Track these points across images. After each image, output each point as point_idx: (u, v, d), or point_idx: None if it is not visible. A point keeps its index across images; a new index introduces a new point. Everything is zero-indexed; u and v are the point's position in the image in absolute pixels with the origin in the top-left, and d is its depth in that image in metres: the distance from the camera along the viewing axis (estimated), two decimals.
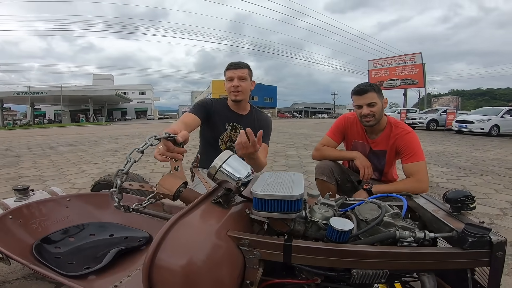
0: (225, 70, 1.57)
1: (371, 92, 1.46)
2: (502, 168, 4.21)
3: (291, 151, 5.95)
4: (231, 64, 1.55)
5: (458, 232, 0.67)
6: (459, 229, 0.68)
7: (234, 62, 1.56)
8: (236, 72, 1.52)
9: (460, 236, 0.66)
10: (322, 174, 1.65)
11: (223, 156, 0.76)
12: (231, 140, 1.62)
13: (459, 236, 0.66)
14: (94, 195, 1.60)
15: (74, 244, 1.25)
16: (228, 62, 1.60)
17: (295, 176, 0.79)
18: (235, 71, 1.52)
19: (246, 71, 1.55)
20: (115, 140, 8.77)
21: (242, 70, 1.53)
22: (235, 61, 1.59)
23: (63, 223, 1.38)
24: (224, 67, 1.60)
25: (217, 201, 0.77)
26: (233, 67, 1.53)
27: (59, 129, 18.96)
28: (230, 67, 1.54)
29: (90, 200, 1.54)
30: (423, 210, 0.87)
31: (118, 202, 0.77)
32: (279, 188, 0.68)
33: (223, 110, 1.61)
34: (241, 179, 0.74)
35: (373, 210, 0.79)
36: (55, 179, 3.51)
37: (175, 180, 0.85)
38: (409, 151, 1.48)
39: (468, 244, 0.65)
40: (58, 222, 1.38)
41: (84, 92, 39.02)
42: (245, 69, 1.54)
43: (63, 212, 1.43)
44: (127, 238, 1.30)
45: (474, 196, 0.76)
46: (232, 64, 1.54)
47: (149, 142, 0.74)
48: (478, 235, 0.64)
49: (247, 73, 1.55)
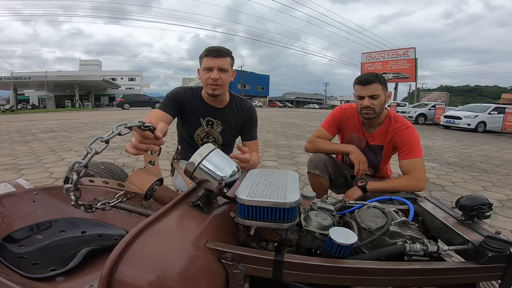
0: (203, 55, 1.29)
1: (375, 84, 1.35)
2: (489, 164, 4.25)
3: (281, 140, 5.85)
4: (211, 51, 1.27)
5: (474, 245, 0.58)
6: (475, 241, 0.59)
7: (214, 48, 1.28)
8: (217, 62, 1.27)
9: (478, 249, 0.57)
10: (315, 168, 1.56)
11: (203, 151, 0.64)
12: (208, 135, 1.45)
13: (476, 249, 0.58)
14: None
15: (42, 242, 1.12)
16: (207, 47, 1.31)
17: (288, 176, 0.68)
18: (215, 60, 1.27)
19: (229, 60, 1.31)
20: (99, 126, 8.45)
21: (224, 60, 1.28)
22: (214, 46, 1.31)
23: (30, 219, 1.24)
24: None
25: (196, 204, 0.66)
26: (214, 55, 1.27)
27: (42, 115, 18.25)
28: (210, 53, 1.27)
29: (60, 194, 1.39)
30: (430, 216, 0.78)
31: (75, 200, 0.64)
32: (270, 192, 0.57)
33: (197, 103, 1.39)
34: (225, 179, 0.63)
35: (377, 217, 0.69)
36: (32, 167, 3.31)
37: (148, 177, 0.73)
38: (407, 147, 1.39)
39: (487, 259, 0.56)
40: (23, 218, 1.24)
41: (70, 78, 37.61)
42: (227, 58, 1.30)
43: (29, 207, 1.29)
44: (101, 235, 1.18)
45: (492, 204, 0.67)
46: (212, 51, 1.27)
47: (116, 130, 0.61)
48: (498, 250, 0.55)
49: (229, 62, 1.31)
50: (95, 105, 41.17)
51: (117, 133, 0.60)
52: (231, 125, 1.45)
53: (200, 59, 1.32)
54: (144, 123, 0.67)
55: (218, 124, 1.43)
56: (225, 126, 1.44)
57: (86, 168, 0.60)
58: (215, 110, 1.42)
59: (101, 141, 0.60)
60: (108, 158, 3.67)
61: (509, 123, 10.43)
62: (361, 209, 0.77)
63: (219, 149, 0.67)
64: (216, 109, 1.42)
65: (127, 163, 3.47)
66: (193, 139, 1.45)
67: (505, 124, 10.48)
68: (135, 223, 1.22)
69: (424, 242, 0.62)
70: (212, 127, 1.43)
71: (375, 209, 0.73)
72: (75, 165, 0.62)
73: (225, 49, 1.30)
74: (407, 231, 0.67)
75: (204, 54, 1.29)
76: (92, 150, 0.59)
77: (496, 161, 4.56)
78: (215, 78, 1.27)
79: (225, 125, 1.44)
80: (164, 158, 3.82)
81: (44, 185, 1.93)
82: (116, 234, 1.13)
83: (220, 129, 1.44)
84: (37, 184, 2.69)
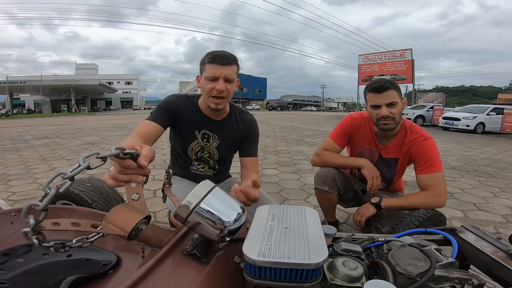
0: (206, 62, 1.10)
1: (391, 90, 1.22)
2: (495, 168, 4.14)
3: (281, 146, 5.72)
4: (216, 57, 1.08)
5: None
6: None
7: (220, 54, 1.09)
8: (223, 71, 1.08)
9: None
10: (324, 183, 1.43)
11: (199, 191, 0.50)
12: (203, 150, 1.28)
13: None
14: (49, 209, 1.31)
15: (23, 266, 0.99)
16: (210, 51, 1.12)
17: (307, 216, 0.55)
18: (221, 68, 1.08)
19: (235, 69, 1.12)
20: (94, 132, 8.27)
21: (231, 68, 1.10)
22: (220, 51, 1.11)
23: (8, 242, 1.10)
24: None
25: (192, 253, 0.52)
26: (221, 62, 1.08)
27: (37, 120, 17.99)
28: (215, 60, 1.08)
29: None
30: (474, 250, 0.66)
31: (39, 244, 0.50)
32: (288, 245, 0.44)
33: (193, 114, 1.23)
34: (228, 225, 0.50)
35: (417, 258, 0.56)
36: (21, 178, 3.15)
37: (131, 215, 0.59)
38: (425, 161, 1.27)
39: None
40: (1, 241, 1.11)
41: (66, 82, 37.34)
42: (234, 66, 1.11)
43: (7, 229, 1.15)
44: (88, 260, 1.05)
45: None
46: (219, 57, 1.08)
47: (84, 163, 0.47)
48: None
49: (235, 71, 1.13)
50: (92, 110, 40.85)
51: (84, 167, 0.47)
52: (229, 140, 1.29)
53: (202, 65, 1.13)
54: (124, 149, 0.54)
55: (215, 138, 1.27)
56: (222, 141, 1.28)
57: (46, 212, 0.47)
58: (213, 122, 1.25)
59: (64, 178, 0.46)
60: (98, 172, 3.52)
61: (508, 124, 10.39)
62: (390, 244, 0.64)
63: (219, 188, 0.53)
64: (214, 122, 1.25)
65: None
66: (187, 154, 1.29)
67: (504, 125, 10.43)
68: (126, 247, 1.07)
69: (475, 283, 0.51)
70: (208, 141, 1.27)
71: (412, 248, 0.60)
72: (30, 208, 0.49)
73: (231, 55, 1.12)
74: (454, 273, 0.55)
75: (208, 60, 1.10)
76: (52, 190, 0.45)
77: (501, 164, 4.46)
78: (221, 89, 1.08)
79: (222, 139, 1.27)
80: (160, 167, 3.67)
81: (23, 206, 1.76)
82: (104, 259, 0.99)
83: (217, 144, 1.28)
84: (25, 197, 2.54)
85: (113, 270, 0.89)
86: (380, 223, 1.35)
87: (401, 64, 19.40)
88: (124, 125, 11.01)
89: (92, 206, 1.29)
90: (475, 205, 2.49)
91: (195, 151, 1.29)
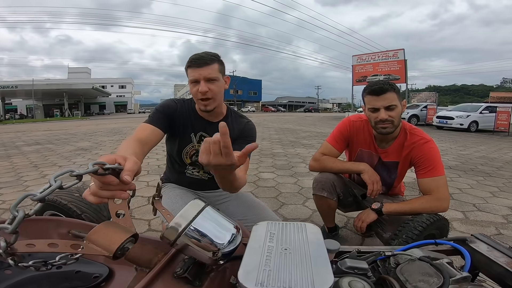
0: (187, 66, 1.11)
1: (390, 92, 1.18)
2: (491, 167, 4.15)
3: (277, 148, 5.68)
4: (193, 60, 1.08)
5: None
6: None
7: (196, 57, 1.09)
8: (202, 72, 1.07)
9: None
10: (323, 189, 1.38)
11: (189, 212, 0.45)
12: (197, 153, 1.24)
13: None
14: (34, 220, 1.25)
15: (12, 278, 0.93)
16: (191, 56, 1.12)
17: (308, 234, 0.50)
18: (199, 70, 1.07)
19: (216, 67, 1.10)
20: (87, 138, 8.13)
21: (210, 68, 1.08)
22: (197, 54, 1.11)
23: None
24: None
25: (183, 276, 0.47)
26: (197, 65, 1.08)
27: (30, 125, 17.72)
28: (193, 64, 1.08)
29: (30, 226, 1.19)
30: (487, 260, 0.62)
31: (14, 265, 0.45)
32: (288, 271, 0.39)
33: (189, 116, 1.22)
34: (222, 248, 0.45)
35: (428, 274, 0.52)
36: (11, 186, 3.05)
37: (116, 234, 0.53)
38: (427, 164, 1.23)
39: None
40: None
41: (59, 86, 36.86)
42: (213, 65, 1.09)
43: None
44: (79, 272, 0.99)
45: None
46: (195, 60, 1.08)
47: (55, 183, 0.42)
48: None
49: (217, 69, 1.11)
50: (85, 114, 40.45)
51: (56, 187, 0.42)
52: None
53: (186, 70, 1.14)
54: (104, 164, 0.49)
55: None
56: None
57: (16, 234, 0.42)
58: (209, 124, 1.23)
59: (33, 200, 0.41)
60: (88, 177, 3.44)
61: (501, 122, 10.50)
62: (397, 257, 0.60)
63: (210, 207, 0.48)
64: (210, 124, 1.23)
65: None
66: (181, 157, 1.26)
67: (497, 123, 10.55)
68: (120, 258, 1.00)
69: None
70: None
71: (423, 263, 0.55)
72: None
73: (209, 55, 1.11)
74: (468, 287, 0.51)
75: (187, 64, 1.11)
76: (20, 212, 0.40)
77: (497, 163, 4.48)
78: (203, 91, 1.08)
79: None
80: (154, 173, 3.60)
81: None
82: (96, 272, 0.94)
83: None
84: None
85: (105, 283, 0.83)
86: (382, 228, 1.31)
87: (394, 64, 19.56)
88: (118, 130, 10.87)
89: (82, 217, 1.23)
90: (474, 205, 2.47)
91: (189, 155, 1.26)
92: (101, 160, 0.52)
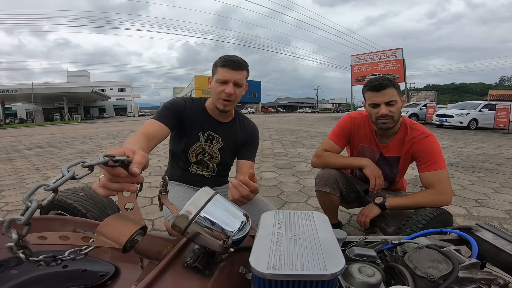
0: (219, 65, 1.13)
1: (390, 88, 1.19)
2: (492, 164, 4.16)
3: (278, 149, 5.69)
4: (229, 61, 1.11)
5: None
6: None
7: (232, 59, 1.12)
8: (234, 75, 1.11)
9: None
10: (325, 185, 1.39)
11: (199, 200, 0.46)
12: (204, 152, 1.28)
13: None
14: (40, 220, 1.25)
15: (18, 278, 0.94)
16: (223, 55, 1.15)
17: (316, 221, 0.51)
18: (232, 72, 1.11)
19: (245, 74, 1.16)
20: (88, 141, 8.14)
21: (241, 73, 1.13)
22: (233, 56, 1.14)
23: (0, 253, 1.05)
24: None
25: (193, 265, 0.48)
26: (232, 67, 1.11)
27: (30, 129, 17.73)
28: (228, 65, 1.11)
29: (36, 225, 1.19)
30: (493, 248, 0.63)
31: (25, 259, 0.46)
32: (299, 255, 0.40)
33: (199, 115, 1.24)
34: (231, 235, 0.45)
35: (437, 261, 0.53)
36: (13, 188, 3.06)
37: (125, 226, 0.54)
38: (428, 158, 1.24)
39: None
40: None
41: (58, 90, 36.88)
42: (244, 72, 1.15)
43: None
44: (85, 271, 1.00)
45: None
46: (231, 62, 1.11)
47: (68, 173, 0.43)
48: None
49: (245, 76, 1.16)
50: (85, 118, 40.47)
51: (69, 177, 0.42)
52: (232, 143, 1.29)
53: (215, 67, 1.16)
54: (114, 156, 0.49)
55: (219, 140, 1.27)
56: (225, 143, 1.28)
57: (29, 226, 0.43)
58: (218, 124, 1.26)
59: (46, 190, 0.42)
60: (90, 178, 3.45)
61: (501, 119, 10.53)
62: (404, 246, 0.60)
63: (220, 195, 0.49)
64: (219, 123, 1.26)
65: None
66: (187, 156, 1.28)
67: (497, 121, 10.57)
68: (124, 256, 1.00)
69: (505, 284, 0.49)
70: (211, 142, 1.26)
71: (431, 250, 0.56)
72: (11, 223, 0.44)
73: (243, 61, 1.15)
74: (478, 274, 0.52)
75: (220, 63, 1.13)
76: (33, 203, 0.41)
77: (497, 160, 4.48)
78: (230, 93, 1.11)
79: (225, 141, 1.28)
80: (156, 174, 3.60)
81: None
82: (102, 270, 0.94)
83: (220, 146, 1.28)
84: (18, 207, 2.46)
85: (111, 281, 0.84)
86: (385, 223, 1.32)
87: (393, 64, 19.59)
88: (119, 133, 10.88)
89: (87, 216, 1.24)
90: (477, 201, 2.48)
91: (196, 153, 1.28)
92: (111, 152, 0.53)
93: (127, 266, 0.87)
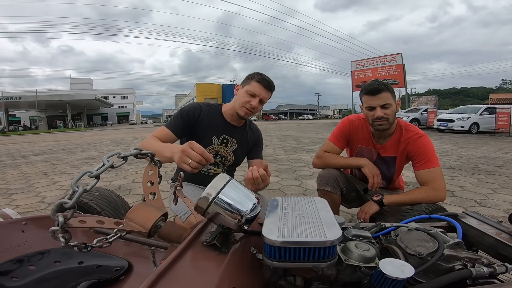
0: (254, 79, 1.28)
1: (385, 92, 1.28)
2: (492, 166, 4.21)
3: (280, 154, 5.77)
4: (264, 80, 1.28)
5: None
6: None
7: (268, 79, 1.29)
8: (263, 93, 1.28)
9: None
10: (326, 184, 1.46)
11: (217, 183, 0.54)
12: (216, 154, 1.39)
13: None
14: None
15: (36, 273, 0.99)
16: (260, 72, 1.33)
17: (317, 204, 0.59)
18: (263, 90, 1.28)
19: (270, 94, 1.34)
20: (93, 147, 8.27)
21: (269, 94, 1.32)
22: (267, 77, 1.30)
23: (19, 250, 1.11)
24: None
25: (212, 243, 0.56)
26: (265, 85, 1.28)
27: (34, 136, 17.94)
28: (262, 82, 1.27)
29: (51, 223, 1.27)
30: (478, 232, 0.70)
31: (65, 243, 0.54)
32: (303, 228, 0.48)
33: (217, 120, 1.37)
34: (245, 214, 0.53)
35: (425, 240, 0.60)
36: (23, 192, 3.15)
37: (150, 213, 0.63)
38: (422, 157, 1.32)
39: None
40: (12, 249, 1.11)
41: (61, 97, 37.27)
42: (270, 93, 1.33)
43: (18, 237, 1.16)
44: (100, 266, 1.06)
45: None
46: (266, 82, 1.28)
47: (108, 162, 0.52)
48: None
49: (270, 96, 1.35)
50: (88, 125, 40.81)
51: (109, 166, 0.51)
52: (244, 145, 1.44)
53: (249, 79, 1.31)
54: (141, 150, 0.59)
55: (233, 142, 1.40)
56: (239, 145, 1.42)
57: (74, 209, 0.51)
58: (233, 128, 1.40)
59: (90, 176, 0.50)
60: (102, 181, 3.52)
61: (502, 123, 10.56)
62: (397, 230, 0.68)
63: (235, 180, 0.58)
64: (234, 128, 1.40)
65: (122, 185, 3.32)
66: None
67: (498, 124, 10.60)
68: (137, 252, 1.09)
69: (487, 263, 0.55)
70: (226, 145, 1.39)
71: (419, 232, 0.64)
72: (59, 206, 0.52)
73: (273, 84, 1.33)
74: (463, 253, 0.59)
75: (256, 78, 1.28)
76: (80, 188, 0.49)
77: (498, 162, 4.53)
78: (254, 106, 1.28)
79: (239, 144, 1.42)
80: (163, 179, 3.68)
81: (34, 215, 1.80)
82: (116, 265, 1.01)
83: (234, 148, 1.41)
84: (29, 210, 2.54)
85: (125, 276, 0.91)
86: (384, 220, 1.39)
87: (393, 69, 19.73)
88: (123, 140, 11.01)
89: (101, 214, 1.32)
90: (476, 201, 2.54)
91: None
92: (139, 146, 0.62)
93: (140, 261, 0.94)
